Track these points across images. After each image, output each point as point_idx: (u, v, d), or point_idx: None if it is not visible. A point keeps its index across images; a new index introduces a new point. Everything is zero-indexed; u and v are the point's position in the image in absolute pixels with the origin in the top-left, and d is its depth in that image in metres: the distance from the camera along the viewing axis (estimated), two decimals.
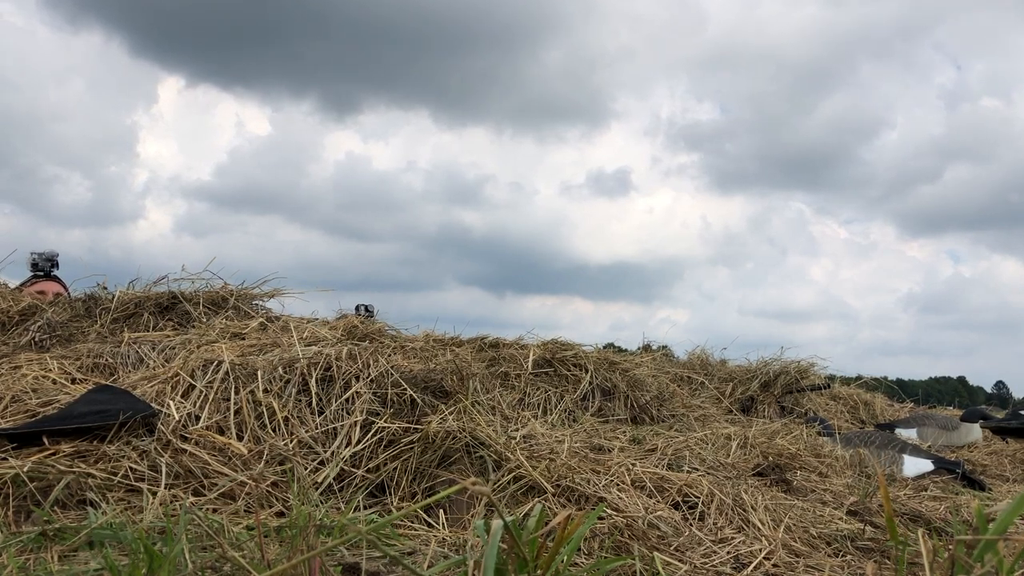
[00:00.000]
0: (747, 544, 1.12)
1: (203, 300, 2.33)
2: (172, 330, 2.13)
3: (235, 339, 1.68)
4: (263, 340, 1.63)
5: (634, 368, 2.86)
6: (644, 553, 1.02)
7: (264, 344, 1.58)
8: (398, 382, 1.37)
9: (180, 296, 2.34)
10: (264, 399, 1.30)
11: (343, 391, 1.34)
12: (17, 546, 0.87)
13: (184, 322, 2.22)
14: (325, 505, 1.11)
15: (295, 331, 1.64)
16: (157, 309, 2.29)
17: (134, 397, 1.29)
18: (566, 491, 1.22)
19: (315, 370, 1.36)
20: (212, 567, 0.84)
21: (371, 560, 0.88)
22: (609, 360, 2.75)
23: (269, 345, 1.58)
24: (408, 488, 1.22)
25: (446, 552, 0.99)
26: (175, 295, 2.34)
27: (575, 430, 1.80)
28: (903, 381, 4.54)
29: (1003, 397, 27.35)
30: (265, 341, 1.62)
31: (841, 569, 1.08)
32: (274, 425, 1.27)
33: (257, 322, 2.02)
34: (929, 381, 27.43)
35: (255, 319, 2.09)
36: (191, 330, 1.98)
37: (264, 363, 1.41)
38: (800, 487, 1.56)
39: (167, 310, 2.31)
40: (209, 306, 2.32)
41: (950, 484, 1.89)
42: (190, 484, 1.12)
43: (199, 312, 2.25)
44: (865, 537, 1.21)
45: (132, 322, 2.24)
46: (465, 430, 1.27)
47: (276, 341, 1.61)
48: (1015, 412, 3.74)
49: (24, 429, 1.18)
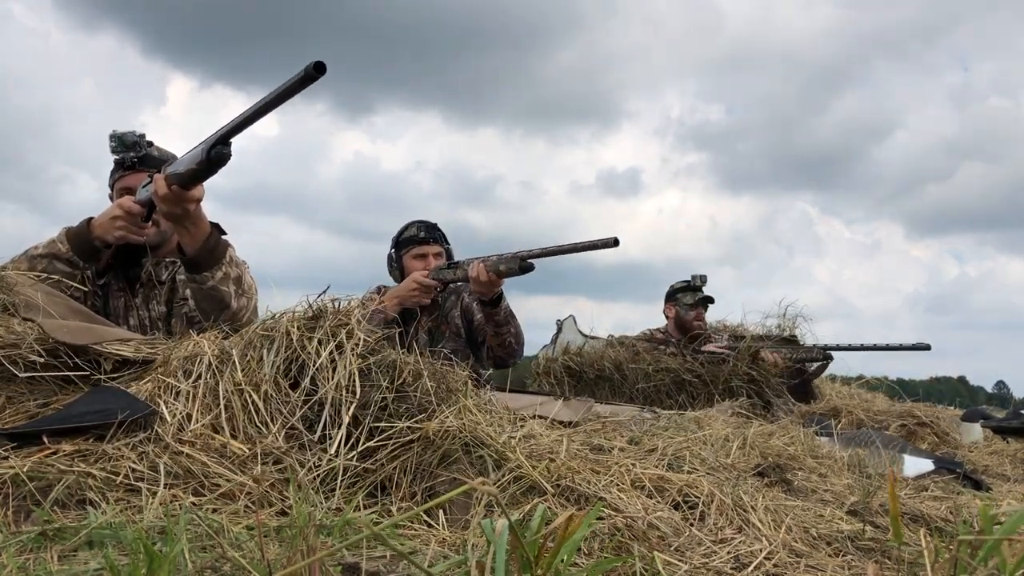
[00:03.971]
0: (747, 544, 1.12)
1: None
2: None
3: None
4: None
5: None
6: (644, 553, 1.02)
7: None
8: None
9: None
10: (246, 385, 1.30)
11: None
12: (17, 546, 0.87)
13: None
14: (325, 505, 1.11)
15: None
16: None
17: (133, 397, 1.29)
18: (566, 491, 1.21)
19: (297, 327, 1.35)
20: (212, 567, 0.84)
21: (371, 560, 0.88)
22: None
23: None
24: (408, 488, 1.22)
25: (446, 552, 0.99)
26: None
27: (575, 430, 1.80)
28: (904, 381, 4.54)
29: (1004, 397, 27.40)
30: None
31: (842, 569, 1.08)
32: (263, 420, 1.27)
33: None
34: (930, 381, 27.44)
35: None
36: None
37: (237, 339, 1.42)
38: (800, 487, 1.56)
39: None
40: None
41: (951, 484, 1.89)
42: (190, 484, 1.12)
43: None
44: (866, 537, 1.21)
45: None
46: (465, 429, 1.27)
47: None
48: (1016, 412, 3.75)
49: (24, 429, 1.18)
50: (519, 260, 2.68)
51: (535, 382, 3.75)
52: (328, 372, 1.33)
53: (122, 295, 2.20)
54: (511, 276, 2.71)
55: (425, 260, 3.05)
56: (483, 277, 2.71)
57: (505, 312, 2.86)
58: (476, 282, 2.74)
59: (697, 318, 4.26)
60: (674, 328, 4.34)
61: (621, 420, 2.05)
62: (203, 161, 1.62)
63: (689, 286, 4.31)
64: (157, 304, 2.19)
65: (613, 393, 3.46)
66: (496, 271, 2.71)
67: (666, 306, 4.42)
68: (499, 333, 2.88)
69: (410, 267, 3.08)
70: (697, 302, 4.28)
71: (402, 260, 3.13)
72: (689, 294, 4.29)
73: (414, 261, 3.08)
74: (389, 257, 3.20)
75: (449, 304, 3.16)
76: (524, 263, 2.67)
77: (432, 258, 3.05)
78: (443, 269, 2.97)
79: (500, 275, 2.72)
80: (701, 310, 4.29)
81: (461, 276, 2.89)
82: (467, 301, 3.14)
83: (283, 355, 1.36)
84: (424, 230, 3.10)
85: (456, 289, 3.16)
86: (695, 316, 4.26)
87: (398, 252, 3.16)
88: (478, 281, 2.73)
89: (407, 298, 2.94)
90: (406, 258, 3.11)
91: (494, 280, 2.73)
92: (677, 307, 4.32)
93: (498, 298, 2.81)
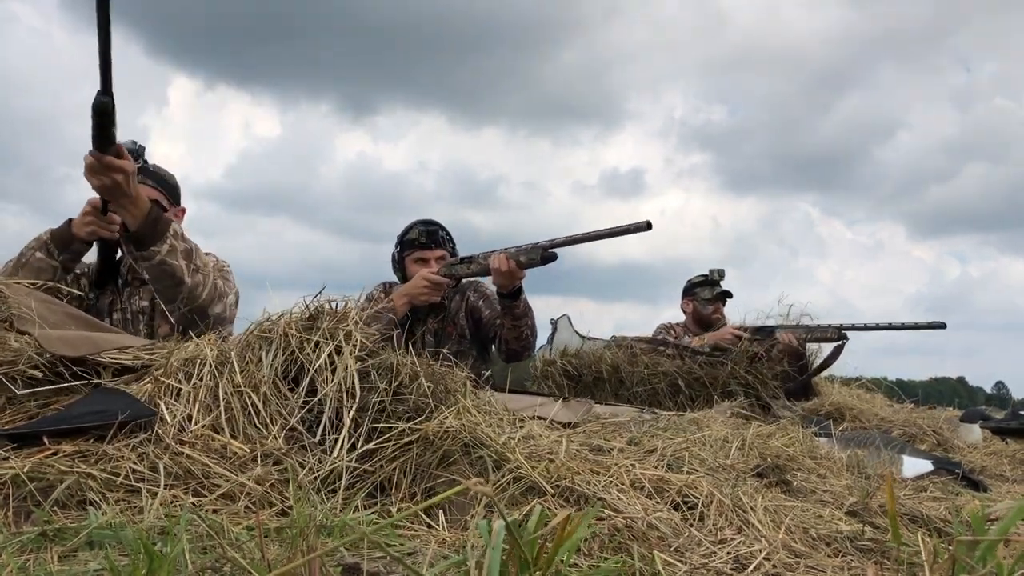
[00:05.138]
0: (747, 545, 1.12)
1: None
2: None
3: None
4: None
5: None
6: (644, 554, 1.02)
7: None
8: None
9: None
10: (245, 387, 1.30)
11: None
12: (17, 546, 0.87)
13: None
14: (325, 506, 1.11)
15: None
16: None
17: (133, 398, 1.29)
18: (565, 492, 1.22)
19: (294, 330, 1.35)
20: (212, 567, 0.84)
21: (371, 560, 0.88)
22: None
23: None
24: (408, 488, 1.22)
25: (446, 552, 0.99)
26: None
27: (574, 431, 1.80)
28: (903, 381, 4.54)
29: (1003, 398, 27.43)
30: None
31: (841, 570, 1.08)
32: (262, 421, 1.27)
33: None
34: (929, 381, 27.47)
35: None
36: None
37: (235, 341, 1.42)
38: (800, 488, 1.57)
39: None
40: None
41: (950, 484, 1.89)
42: (190, 485, 1.12)
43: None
44: (865, 538, 1.21)
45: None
46: (465, 429, 1.27)
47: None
48: (1015, 413, 3.75)
49: (24, 429, 1.18)
50: (541, 250, 2.64)
51: (534, 384, 3.75)
52: (327, 374, 1.33)
53: (110, 295, 2.28)
54: (533, 267, 2.68)
55: (426, 265, 3.03)
56: (505, 268, 2.68)
57: (524, 304, 2.84)
58: (498, 273, 2.71)
59: (715, 312, 4.18)
60: (692, 323, 4.25)
61: (620, 421, 2.05)
62: (92, 117, 1.68)
63: (707, 280, 4.22)
64: (139, 299, 2.25)
65: (612, 395, 3.45)
66: (517, 262, 2.68)
67: (683, 301, 4.34)
68: (516, 326, 2.86)
69: (411, 271, 3.06)
70: (715, 296, 4.19)
71: (404, 262, 3.12)
72: (707, 288, 4.20)
73: (415, 266, 3.06)
74: (393, 256, 3.19)
75: (455, 305, 3.15)
76: (547, 253, 2.64)
77: (434, 263, 3.03)
78: (455, 265, 2.94)
79: (521, 266, 2.69)
80: (719, 304, 4.21)
81: (476, 270, 2.86)
82: (472, 300, 3.14)
83: (281, 357, 1.37)
84: (426, 235, 3.07)
85: (461, 289, 3.16)
86: (713, 311, 4.17)
87: (401, 253, 3.15)
88: (500, 272, 2.70)
89: (416, 296, 2.91)
90: (407, 261, 3.10)
91: (515, 271, 2.70)
92: (695, 302, 4.23)
93: (518, 291, 2.79)
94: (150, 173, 2.25)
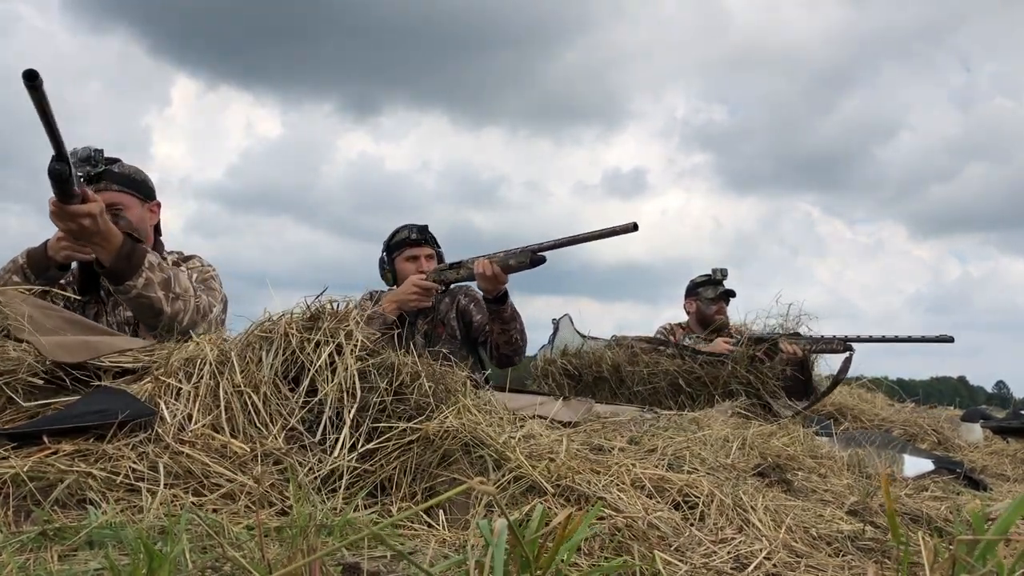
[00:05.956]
0: (747, 544, 1.12)
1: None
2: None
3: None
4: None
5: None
6: (644, 553, 1.02)
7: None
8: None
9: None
10: (245, 387, 1.30)
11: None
12: (17, 546, 0.87)
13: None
14: (325, 506, 1.11)
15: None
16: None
17: (133, 397, 1.29)
18: (566, 491, 1.22)
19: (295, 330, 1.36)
20: (212, 567, 0.84)
21: (372, 560, 0.88)
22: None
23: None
24: (408, 488, 1.22)
25: (447, 552, 0.99)
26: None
27: (575, 430, 1.80)
28: (903, 381, 4.54)
29: (1004, 397, 27.42)
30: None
31: (842, 569, 1.08)
32: (263, 420, 1.27)
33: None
34: (930, 381, 27.45)
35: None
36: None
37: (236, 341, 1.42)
38: (801, 487, 1.57)
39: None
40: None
41: (951, 484, 1.89)
42: (190, 484, 1.12)
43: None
44: (866, 537, 1.21)
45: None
46: (465, 429, 1.27)
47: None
48: (1016, 412, 3.75)
49: (24, 429, 1.18)
50: (530, 253, 2.68)
51: (534, 384, 3.75)
52: (327, 374, 1.33)
53: (95, 305, 2.26)
54: (522, 269, 2.71)
55: (417, 262, 3.05)
56: (489, 272, 2.72)
57: (511, 309, 2.86)
58: (482, 277, 2.75)
59: (719, 312, 4.15)
60: (695, 323, 4.24)
61: (621, 420, 2.05)
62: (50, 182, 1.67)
63: (710, 280, 4.20)
64: (124, 310, 2.24)
65: (613, 395, 3.45)
66: (505, 265, 2.71)
67: (687, 301, 4.32)
68: (506, 330, 2.88)
69: (402, 269, 3.09)
70: (719, 296, 4.17)
71: (394, 263, 3.14)
72: (710, 288, 4.18)
73: (407, 263, 3.08)
74: (381, 261, 3.21)
75: (444, 306, 3.16)
76: (535, 255, 2.67)
77: (424, 260, 3.06)
78: (444, 270, 2.97)
79: (510, 269, 2.72)
80: (723, 303, 4.18)
81: (464, 275, 2.89)
82: (463, 303, 3.15)
83: (281, 357, 1.37)
84: (416, 232, 3.10)
85: (451, 291, 3.17)
86: (716, 310, 4.15)
87: (390, 255, 3.16)
88: (484, 276, 2.74)
89: (406, 302, 2.94)
90: (398, 260, 3.12)
91: (499, 275, 2.73)
92: (698, 301, 4.21)
93: (503, 295, 2.82)
94: (115, 176, 2.21)
